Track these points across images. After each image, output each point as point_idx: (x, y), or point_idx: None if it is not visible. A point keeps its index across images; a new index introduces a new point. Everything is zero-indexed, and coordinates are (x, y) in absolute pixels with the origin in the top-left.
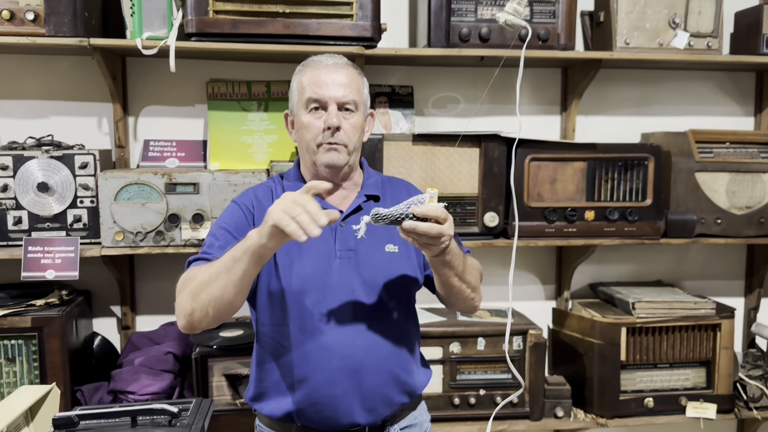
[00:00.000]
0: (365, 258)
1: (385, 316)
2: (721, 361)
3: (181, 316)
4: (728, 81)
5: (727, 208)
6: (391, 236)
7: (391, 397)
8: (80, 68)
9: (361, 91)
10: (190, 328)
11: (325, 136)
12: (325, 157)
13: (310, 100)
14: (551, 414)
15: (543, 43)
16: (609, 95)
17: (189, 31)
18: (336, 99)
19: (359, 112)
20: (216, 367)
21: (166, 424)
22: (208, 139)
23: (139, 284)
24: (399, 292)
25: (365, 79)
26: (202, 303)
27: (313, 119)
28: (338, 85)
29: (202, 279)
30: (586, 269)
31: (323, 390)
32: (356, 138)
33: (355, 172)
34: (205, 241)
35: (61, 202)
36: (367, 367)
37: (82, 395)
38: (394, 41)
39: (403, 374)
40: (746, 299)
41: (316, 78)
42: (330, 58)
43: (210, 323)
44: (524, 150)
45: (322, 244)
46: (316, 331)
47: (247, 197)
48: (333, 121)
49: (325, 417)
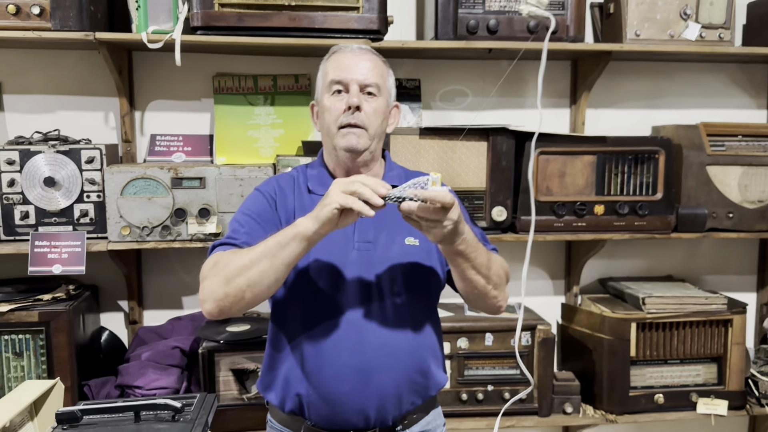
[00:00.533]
0: (383, 251)
1: (400, 312)
2: (733, 357)
3: (210, 301)
4: (740, 73)
5: (739, 202)
6: (412, 229)
7: (402, 399)
8: (86, 63)
9: (384, 77)
10: (218, 313)
11: (345, 116)
12: (344, 141)
13: (333, 81)
14: (560, 410)
15: (552, 35)
16: (619, 88)
17: (194, 24)
18: (358, 80)
19: (382, 97)
20: (223, 362)
21: (170, 419)
22: (215, 133)
23: (146, 279)
24: (417, 288)
25: (391, 70)
26: (238, 287)
27: (334, 101)
28: (361, 68)
29: (239, 264)
30: (596, 264)
31: (331, 386)
32: (377, 123)
33: (375, 162)
34: (229, 227)
35: (67, 196)
36: (377, 366)
37: (90, 390)
38: (401, 34)
39: (415, 375)
40: (758, 294)
41: (339, 62)
42: (356, 47)
43: (241, 309)
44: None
45: (341, 235)
46: (328, 324)
47: (270, 185)
48: (353, 100)
49: (333, 414)
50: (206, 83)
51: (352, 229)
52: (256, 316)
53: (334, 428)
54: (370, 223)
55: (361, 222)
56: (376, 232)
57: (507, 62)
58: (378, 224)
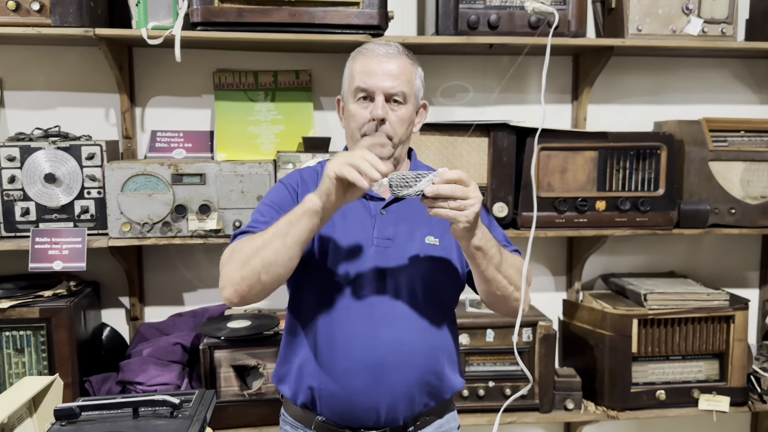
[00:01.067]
0: (402, 248)
1: (416, 311)
2: (735, 353)
3: (228, 286)
4: (743, 68)
5: (741, 198)
6: (432, 227)
7: (414, 399)
8: (87, 59)
9: (412, 83)
10: (238, 299)
11: (369, 126)
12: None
13: (358, 89)
14: (561, 406)
15: (554, 30)
16: (621, 83)
17: (194, 20)
18: (384, 90)
19: (408, 104)
20: (224, 358)
21: (168, 415)
22: (215, 129)
23: (147, 275)
24: (435, 287)
25: (419, 69)
26: (253, 269)
27: (359, 108)
28: (387, 75)
29: (253, 246)
30: (598, 260)
31: (343, 381)
32: (402, 130)
33: (402, 163)
34: (251, 217)
35: (68, 193)
36: (390, 364)
37: (91, 386)
38: (402, 29)
39: (429, 375)
40: (761, 290)
41: (366, 66)
42: (383, 47)
43: (259, 293)
44: (533, 139)
45: (360, 230)
46: (342, 318)
47: (292, 177)
48: (378, 113)
49: (343, 410)
50: (207, 79)
51: (372, 225)
52: (257, 312)
53: (345, 424)
54: (390, 219)
55: (380, 218)
56: (396, 228)
57: (508, 58)
58: (398, 221)
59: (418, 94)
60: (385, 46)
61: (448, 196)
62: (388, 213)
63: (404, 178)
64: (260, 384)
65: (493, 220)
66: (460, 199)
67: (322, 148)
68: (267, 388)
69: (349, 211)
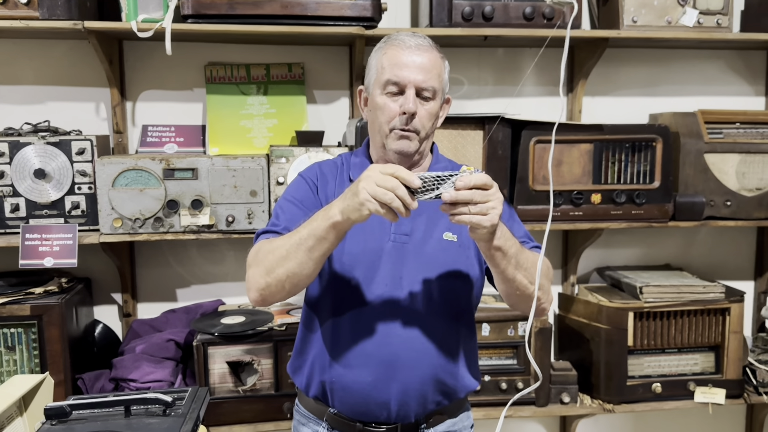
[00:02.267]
0: (419, 244)
1: (431, 308)
2: (730, 346)
3: (254, 290)
4: (739, 60)
5: (736, 190)
6: (451, 224)
7: (427, 397)
8: (76, 53)
9: (441, 77)
10: (262, 301)
11: (399, 120)
12: (396, 144)
13: (389, 81)
14: (557, 400)
15: (548, 21)
16: (616, 75)
17: (185, 12)
18: (415, 83)
19: (437, 98)
20: (218, 354)
21: (161, 413)
22: (207, 123)
23: (139, 271)
24: (451, 284)
25: (447, 62)
26: (278, 278)
27: (389, 101)
28: (419, 68)
29: (278, 255)
30: (593, 253)
31: (355, 374)
32: (430, 125)
33: (425, 158)
34: (273, 213)
35: (58, 188)
36: (403, 360)
37: (83, 383)
38: (395, 21)
39: (442, 374)
40: (756, 283)
41: (397, 59)
42: (413, 38)
43: (283, 297)
44: (529, 132)
45: (378, 225)
46: (357, 313)
47: (312, 171)
48: (410, 107)
49: (355, 403)
50: (198, 73)
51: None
52: (251, 308)
53: (356, 418)
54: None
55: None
56: (413, 224)
57: (503, 50)
58: (416, 217)
59: (445, 89)
60: (415, 37)
61: (467, 201)
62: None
63: (424, 181)
64: (255, 380)
65: (514, 214)
66: (481, 203)
67: (316, 141)
68: (262, 384)
69: None
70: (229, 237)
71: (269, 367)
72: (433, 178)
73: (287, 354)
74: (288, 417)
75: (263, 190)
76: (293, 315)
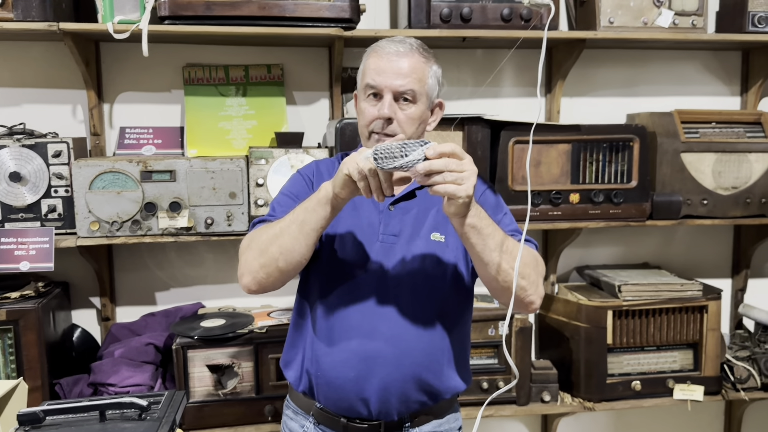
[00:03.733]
0: (407, 245)
1: (417, 307)
2: (708, 343)
3: (246, 274)
4: (714, 60)
5: (713, 189)
6: (438, 224)
7: (408, 395)
8: (52, 54)
9: (423, 81)
10: (256, 286)
11: (377, 124)
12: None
13: (368, 86)
14: (538, 398)
15: (525, 22)
16: (594, 76)
17: (162, 14)
18: (392, 88)
19: (419, 102)
20: (197, 358)
21: (136, 417)
22: (185, 125)
23: (118, 275)
24: (438, 285)
25: (435, 66)
26: (271, 257)
27: (368, 106)
28: (397, 73)
29: (271, 233)
30: (572, 253)
31: (339, 370)
32: (412, 129)
33: None
34: (270, 207)
35: (34, 191)
36: (386, 357)
37: (61, 389)
38: (375, 22)
39: (425, 373)
40: (733, 280)
41: (377, 64)
42: (395, 45)
43: (276, 281)
44: (508, 133)
45: (367, 225)
46: (343, 309)
47: (309, 168)
48: (384, 112)
49: (338, 399)
50: (176, 74)
51: (379, 221)
52: (231, 310)
53: (341, 414)
54: (397, 215)
55: (388, 214)
56: (402, 225)
57: (482, 51)
58: (405, 218)
59: (432, 92)
60: (398, 43)
61: (441, 169)
62: (395, 209)
63: (390, 150)
64: (235, 383)
65: (502, 205)
66: (456, 172)
67: (295, 143)
68: (242, 387)
69: (359, 204)
70: (208, 239)
71: (250, 370)
72: (399, 147)
73: (268, 357)
74: (269, 420)
75: (242, 191)
76: (274, 317)
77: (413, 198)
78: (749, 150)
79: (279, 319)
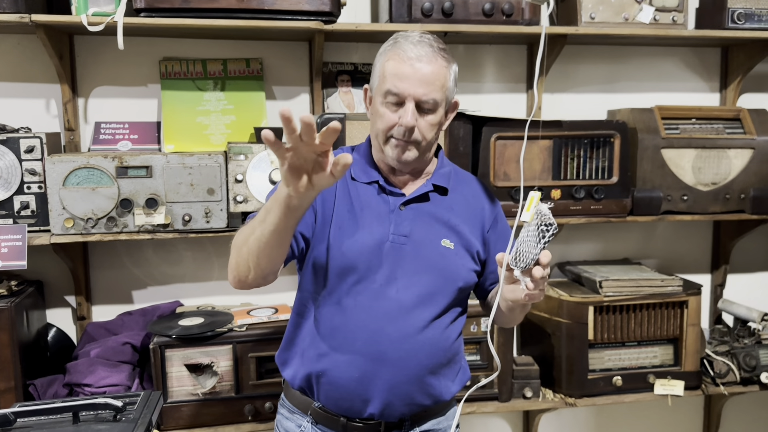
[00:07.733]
0: (417, 248)
1: (424, 310)
2: (689, 338)
3: (229, 272)
4: (694, 57)
5: (693, 185)
6: (449, 230)
7: (412, 397)
8: (25, 47)
9: (445, 87)
10: (237, 283)
11: (398, 131)
12: (394, 153)
13: (389, 92)
14: (520, 395)
15: (507, 18)
16: (575, 72)
17: (137, 6)
18: (415, 97)
19: (439, 108)
20: (175, 357)
21: (111, 419)
22: (162, 120)
23: (93, 273)
24: (445, 289)
25: (454, 66)
26: (243, 257)
27: (388, 111)
28: (420, 81)
29: (245, 232)
30: (553, 248)
31: (342, 371)
32: (431, 135)
33: (429, 164)
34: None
35: (6, 188)
36: (391, 359)
37: (35, 390)
38: (355, 16)
39: (429, 376)
40: (713, 276)
41: (398, 69)
42: (416, 48)
43: (256, 278)
44: (489, 128)
45: (377, 225)
46: (349, 309)
47: None
48: (408, 121)
49: (340, 398)
50: (153, 68)
51: (389, 221)
52: (210, 309)
53: (341, 413)
54: (408, 216)
55: (399, 214)
56: (413, 226)
57: (464, 46)
58: (417, 219)
59: (450, 95)
60: (419, 44)
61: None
62: (407, 210)
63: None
64: (214, 383)
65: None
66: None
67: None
68: (222, 387)
69: (369, 204)
70: (186, 236)
71: (229, 369)
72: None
73: (248, 355)
74: (249, 419)
75: (221, 188)
76: (254, 316)
77: (427, 201)
78: (728, 146)
79: (259, 317)
